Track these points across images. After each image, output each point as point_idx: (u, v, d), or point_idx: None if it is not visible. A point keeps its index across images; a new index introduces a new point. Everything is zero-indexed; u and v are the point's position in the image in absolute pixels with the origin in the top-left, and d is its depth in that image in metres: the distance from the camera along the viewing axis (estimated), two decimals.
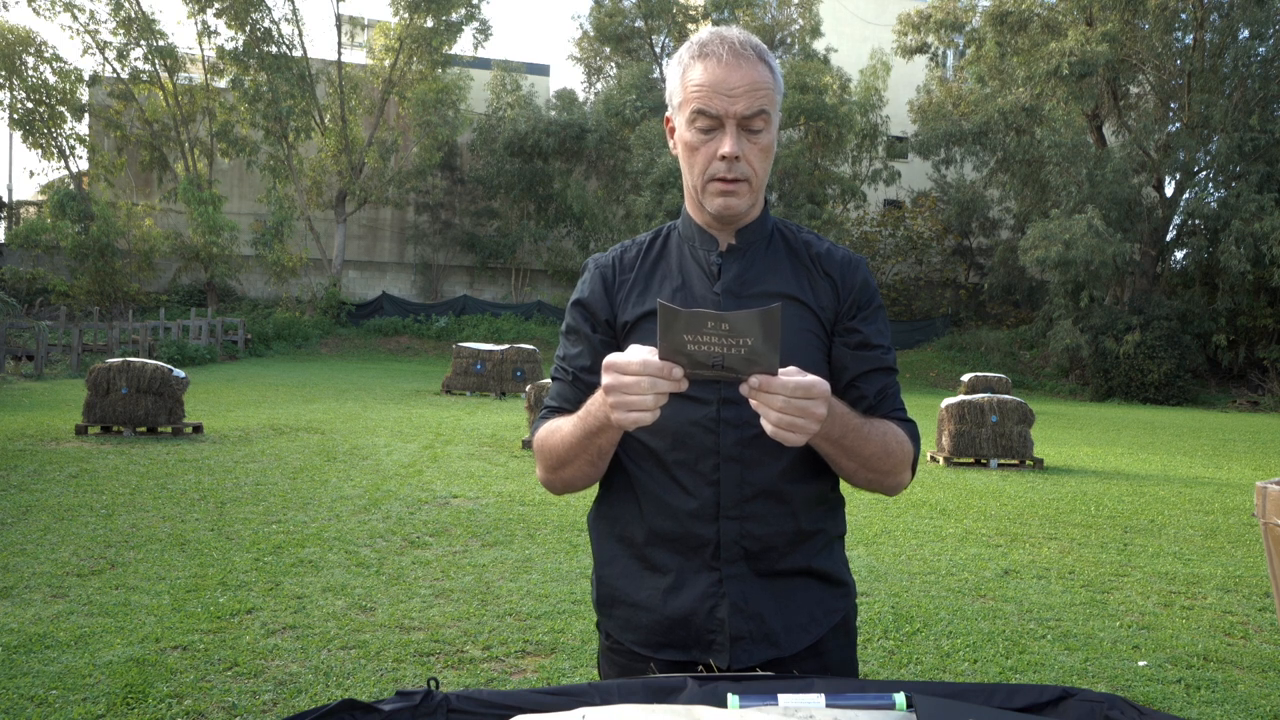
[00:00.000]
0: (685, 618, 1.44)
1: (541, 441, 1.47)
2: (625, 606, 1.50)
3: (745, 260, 1.49)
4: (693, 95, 1.41)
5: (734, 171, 1.42)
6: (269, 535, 6.07)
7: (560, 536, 6.34)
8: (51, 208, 29.03)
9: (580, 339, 1.52)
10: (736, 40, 1.41)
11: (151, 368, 10.71)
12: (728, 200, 1.44)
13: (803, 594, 1.48)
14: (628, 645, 1.50)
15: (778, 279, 1.49)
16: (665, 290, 1.49)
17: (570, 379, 1.51)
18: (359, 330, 30.77)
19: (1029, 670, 4.16)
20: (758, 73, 1.40)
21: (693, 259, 1.51)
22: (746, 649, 1.42)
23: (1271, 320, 27.65)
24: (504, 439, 11.43)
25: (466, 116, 32.96)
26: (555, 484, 1.48)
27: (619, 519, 1.51)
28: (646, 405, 1.19)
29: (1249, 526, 7.70)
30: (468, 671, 3.85)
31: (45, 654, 3.84)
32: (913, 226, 35.45)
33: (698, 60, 1.41)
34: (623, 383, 1.19)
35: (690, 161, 1.45)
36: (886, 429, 1.43)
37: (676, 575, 1.45)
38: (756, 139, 1.42)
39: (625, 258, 1.56)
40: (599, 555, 1.56)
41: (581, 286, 1.56)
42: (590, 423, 1.34)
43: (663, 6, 32.93)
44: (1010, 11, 28.49)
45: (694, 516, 1.43)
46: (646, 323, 1.47)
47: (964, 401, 11.18)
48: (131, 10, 29.83)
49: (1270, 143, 26.55)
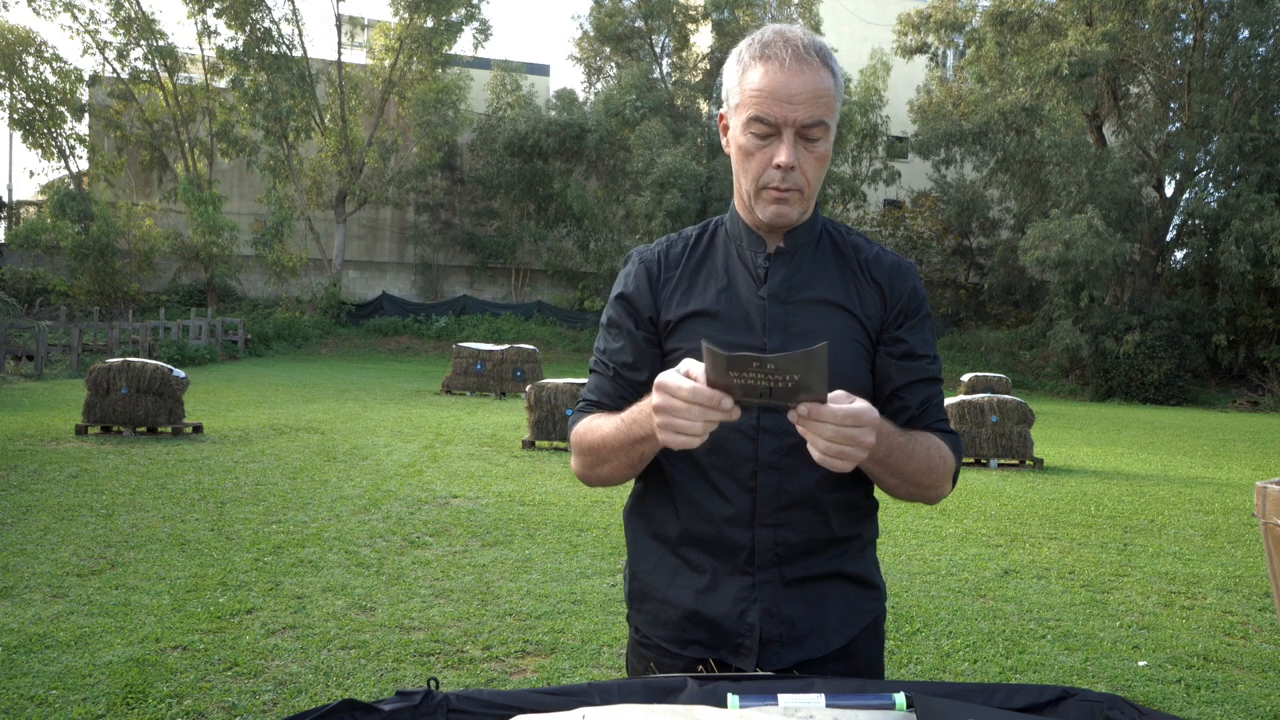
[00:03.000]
0: (716, 619, 1.44)
1: (580, 437, 1.46)
2: (656, 602, 1.50)
3: (793, 264, 1.47)
4: (751, 100, 1.36)
5: (788, 181, 1.38)
6: (269, 535, 6.07)
7: (560, 536, 6.34)
8: (51, 208, 29.01)
9: (623, 334, 1.49)
10: (800, 43, 1.36)
11: (151, 368, 10.71)
12: (780, 209, 1.41)
13: (834, 598, 1.47)
14: (656, 640, 1.50)
15: (824, 285, 1.47)
16: (710, 290, 1.47)
17: (612, 374, 1.49)
18: (359, 330, 30.75)
19: (1029, 670, 4.16)
20: (820, 79, 1.35)
21: (739, 259, 1.48)
22: (775, 652, 1.42)
23: (1271, 320, 27.66)
24: (504, 439, 11.43)
25: (466, 116, 32.93)
26: (591, 479, 1.48)
27: (654, 517, 1.51)
28: (695, 431, 1.18)
29: (1249, 526, 7.69)
30: (468, 671, 3.85)
31: (45, 654, 3.84)
32: (913, 226, 35.44)
33: (759, 62, 1.36)
34: (673, 406, 1.17)
35: (744, 166, 1.41)
36: (930, 444, 1.40)
37: (711, 576, 1.45)
38: (813, 148, 1.38)
39: (671, 253, 1.52)
40: (633, 550, 1.57)
41: (625, 280, 1.52)
42: (636, 431, 1.32)
43: (663, 6, 32.92)
44: (1010, 11, 28.49)
45: (730, 522, 1.43)
46: (689, 323, 1.46)
47: (964, 401, 11.18)
48: (131, 10, 29.82)
49: (1270, 143, 26.55)
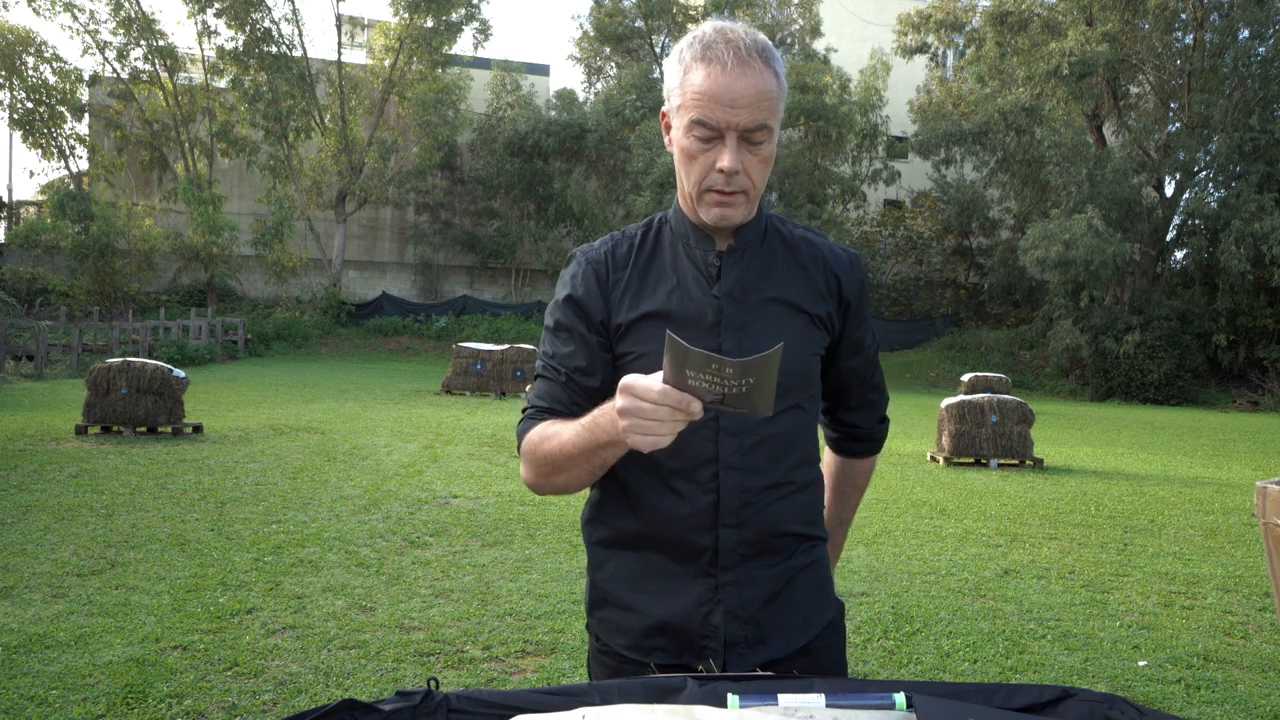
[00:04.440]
0: (679, 623, 1.42)
1: (534, 446, 1.40)
2: (616, 610, 1.47)
3: (744, 262, 1.45)
4: (692, 102, 1.33)
5: (733, 185, 1.36)
6: (269, 535, 6.07)
7: (560, 536, 6.34)
8: (51, 208, 29.02)
9: (574, 338, 1.44)
10: (742, 44, 1.32)
11: (151, 368, 10.71)
12: (724, 211, 1.39)
13: (795, 597, 1.47)
14: (616, 648, 1.47)
15: (777, 283, 1.46)
16: (661, 291, 1.44)
17: (564, 380, 1.44)
18: (359, 330, 30.76)
19: (1029, 670, 4.16)
20: (762, 82, 1.32)
21: (688, 258, 1.45)
22: (741, 653, 1.41)
23: (1271, 320, 27.66)
24: (504, 439, 11.43)
25: (466, 116, 32.94)
26: (545, 488, 1.42)
27: (611, 523, 1.48)
28: (664, 432, 1.17)
29: (1249, 526, 7.69)
30: (468, 671, 3.85)
31: (45, 654, 3.84)
32: (913, 226, 35.46)
33: (700, 64, 1.33)
34: (641, 409, 1.16)
35: (687, 168, 1.38)
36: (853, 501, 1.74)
37: (671, 581, 1.43)
38: (757, 150, 1.36)
39: (617, 253, 1.48)
40: (592, 558, 1.53)
41: (572, 281, 1.47)
42: (599, 436, 1.28)
43: (663, 6, 32.92)
44: (1010, 11, 28.48)
45: (691, 525, 1.41)
46: (642, 326, 1.43)
47: (964, 401, 11.18)
48: (131, 10, 29.83)
49: (1270, 143, 26.55)
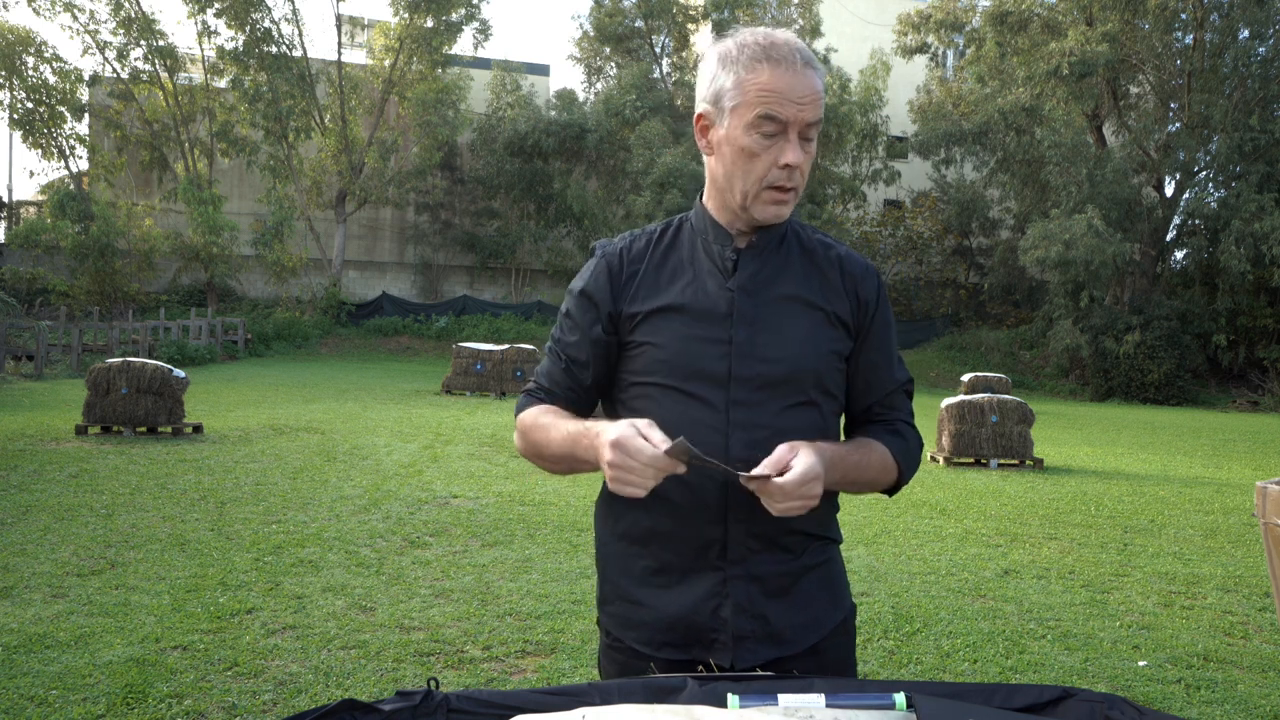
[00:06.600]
0: (688, 617, 1.43)
1: (527, 427, 1.51)
2: (626, 603, 1.49)
3: (760, 259, 1.48)
4: (759, 99, 1.37)
5: (792, 180, 1.41)
6: (269, 535, 6.07)
7: (560, 536, 6.34)
8: (51, 208, 29.01)
9: (578, 328, 1.51)
10: (800, 46, 1.40)
11: (151, 368, 10.71)
12: (780, 209, 1.43)
13: (806, 595, 1.48)
14: (628, 643, 1.48)
15: (792, 281, 1.48)
16: (677, 285, 1.48)
17: (564, 365, 1.53)
18: (359, 330, 30.75)
19: (1029, 670, 4.16)
20: (818, 82, 1.40)
21: (705, 253, 1.49)
22: (750, 649, 1.42)
23: (1271, 320, 27.65)
24: (504, 439, 11.43)
25: (466, 116, 32.93)
26: (533, 462, 1.53)
27: (623, 515, 1.50)
28: (646, 487, 1.28)
29: (1249, 526, 7.69)
30: (468, 671, 3.85)
31: (45, 654, 3.84)
32: (913, 226, 35.44)
33: (765, 63, 1.37)
34: (628, 465, 1.26)
35: (746, 167, 1.41)
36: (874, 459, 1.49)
37: (680, 574, 1.44)
38: (808, 148, 1.41)
39: (634, 247, 1.53)
40: (601, 551, 1.55)
41: (586, 274, 1.53)
42: (580, 454, 1.39)
43: (663, 6, 32.93)
44: (1010, 11, 28.49)
45: (701, 517, 1.42)
46: (656, 318, 1.46)
47: (964, 401, 11.18)
48: (131, 10, 29.82)
49: (1270, 143, 26.55)
